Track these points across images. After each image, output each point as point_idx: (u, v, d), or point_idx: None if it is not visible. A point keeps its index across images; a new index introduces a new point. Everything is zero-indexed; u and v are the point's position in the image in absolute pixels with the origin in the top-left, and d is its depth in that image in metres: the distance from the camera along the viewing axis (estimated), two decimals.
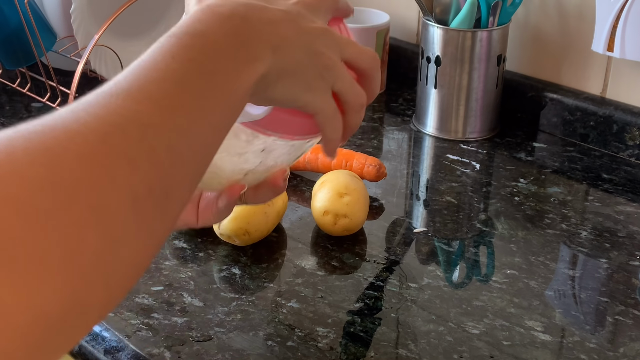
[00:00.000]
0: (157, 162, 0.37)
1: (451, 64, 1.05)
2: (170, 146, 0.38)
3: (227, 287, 0.78)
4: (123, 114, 0.36)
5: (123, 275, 0.35)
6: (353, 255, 0.83)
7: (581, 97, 1.06)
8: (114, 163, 0.34)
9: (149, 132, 0.37)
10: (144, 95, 0.38)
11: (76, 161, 0.33)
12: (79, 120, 0.35)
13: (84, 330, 0.34)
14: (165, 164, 0.37)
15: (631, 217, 0.90)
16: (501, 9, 1.02)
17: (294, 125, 0.52)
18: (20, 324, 0.30)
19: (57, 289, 0.31)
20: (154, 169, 0.36)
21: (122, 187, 0.34)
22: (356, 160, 0.94)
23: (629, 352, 0.70)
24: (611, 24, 0.99)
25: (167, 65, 0.39)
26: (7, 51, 1.12)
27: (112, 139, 0.35)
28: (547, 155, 1.04)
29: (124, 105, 0.36)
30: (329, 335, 0.72)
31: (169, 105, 0.38)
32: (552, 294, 0.77)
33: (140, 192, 0.35)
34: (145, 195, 0.36)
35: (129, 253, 0.35)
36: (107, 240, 0.33)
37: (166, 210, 0.38)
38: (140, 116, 0.37)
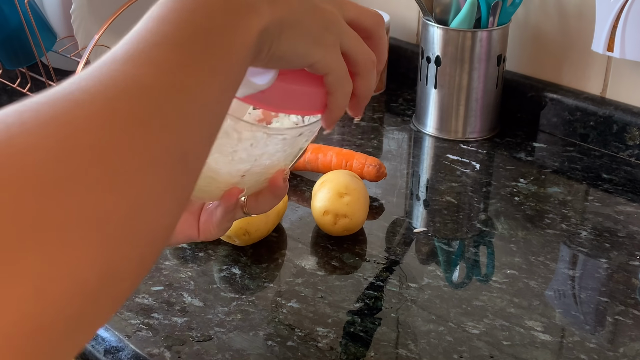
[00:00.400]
0: (167, 122, 0.36)
1: (451, 64, 1.05)
2: (178, 106, 0.37)
3: (227, 287, 0.78)
4: (125, 79, 0.36)
5: (152, 238, 0.35)
6: (353, 255, 0.83)
7: (581, 97, 1.07)
8: (125, 126, 0.34)
9: (154, 94, 0.36)
10: (143, 59, 0.37)
11: (86, 127, 0.32)
12: (83, 88, 0.34)
13: (119, 301, 0.34)
14: (177, 124, 0.37)
15: (631, 217, 0.90)
16: (501, 9, 1.02)
17: (299, 97, 0.50)
18: (58, 294, 0.29)
19: (90, 255, 0.30)
20: (166, 130, 0.36)
21: (137, 149, 0.34)
22: (356, 160, 0.94)
23: (629, 352, 0.70)
24: (611, 24, 0.99)
25: (161, 30, 0.39)
26: (7, 51, 1.12)
27: (118, 103, 0.34)
28: (547, 155, 1.04)
29: (125, 70, 0.36)
30: (329, 335, 0.72)
31: (169, 67, 0.38)
32: (552, 294, 0.77)
33: (156, 153, 0.35)
34: (163, 155, 0.35)
35: (154, 215, 0.35)
36: (131, 204, 0.33)
37: (186, 170, 0.37)
38: (142, 79, 0.36)
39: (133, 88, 0.36)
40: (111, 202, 0.32)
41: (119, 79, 0.36)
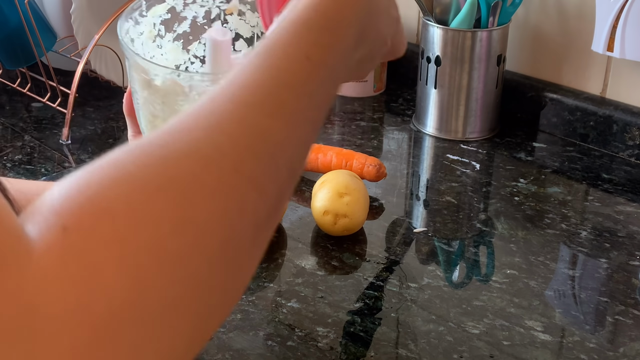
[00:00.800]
0: (279, 181, 0.35)
1: (451, 64, 1.05)
2: (291, 161, 0.36)
3: None
4: (255, 132, 0.34)
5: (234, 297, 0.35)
6: (353, 255, 0.83)
7: (581, 97, 1.07)
8: (245, 194, 0.33)
9: (278, 152, 0.35)
10: (276, 106, 0.36)
11: (210, 196, 0.31)
12: (214, 142, 0.32)
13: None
14: (285, 180, 0.36)
15: (631, 217, 0.90)
16: (501, 9, 1.02)
17: None
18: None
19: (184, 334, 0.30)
20: (277, 190, 0.35)
21: (249, 218, 0.33)
22: (356, 160, 0.94)
23: (629, 352, 0.70)
24: (611, 24, 0.99)
25: (301, 67, 0.38)
26: (7, 51, 1.12)
27: (245, 166, 0.33)
28: (547, 155, 1.04)
29: (256, 121, 0.34)
30: (329, 335, 0.72)
31: (297, 120, 0.37)
32: (552, 294, 0.77)
33: (262, 218, 0.34)
34: (266, 220, 0.34)
35: (244, 277, 0.34)
36: (232, 273, 0.32)
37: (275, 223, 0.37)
38: (271, 134, 0.35)
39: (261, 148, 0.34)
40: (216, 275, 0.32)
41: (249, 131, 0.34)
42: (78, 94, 1.07)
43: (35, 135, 1.07)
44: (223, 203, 0.31)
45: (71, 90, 1.06)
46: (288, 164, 0.36)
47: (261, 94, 0.35)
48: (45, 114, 1.14)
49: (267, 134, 0.34)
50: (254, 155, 0.33)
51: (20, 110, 1.16)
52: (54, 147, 1.04)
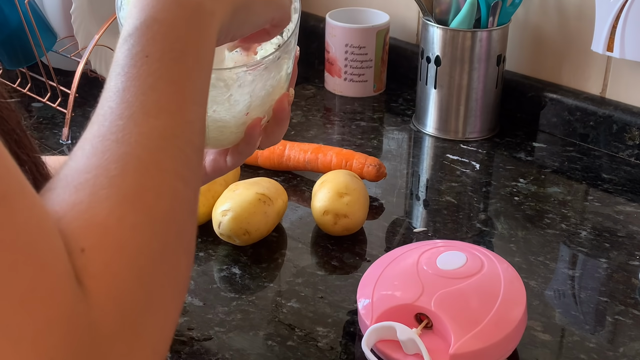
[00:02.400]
0: (191, 164, 0.42)
1: (451, 64, 1.05)
2: (192, 142, 0.42)
3: (227, 287, 0.78)
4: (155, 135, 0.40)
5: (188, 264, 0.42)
6: (353, 255, 0.83)
7: (581, 97, 1.07)
8: (175, 186, 0.40)
9: (179, 142, 0.41)
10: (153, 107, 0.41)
11: (157, 197, 0.38)
12: (134, 154, 0.39)
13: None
14: (194, 160, 0.42)
15: (631, 217, 0.90)
16: (501, 9, 1.02)
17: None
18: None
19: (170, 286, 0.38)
20: (192, 172, 0.42)
21: (184, 203, 0.40)
22: (356, 160, 0.94)
23: (628, 352, 0.70)
24: (611, 24, 0.99)
25: (149, 67, 0.42)
26: (8, 51, 1.12)
27: (166, 165, 0.40)
28: (547, 155, 1.04)
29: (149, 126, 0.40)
30: (329, 335, 0.72)
31: (178, 107, 0.42)
32: (552, 294, 0.77)
33: (191, 199, 0.42)
34: (194, 198, 0.43)
35: (190, 249, 0.41)
36: (185, 245, 0.40)
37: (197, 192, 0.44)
38: (166, 131, 0.41)
39: (166, 143, 0.40)
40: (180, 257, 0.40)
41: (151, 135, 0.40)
42: (78, 94, 1.07)
43: (35, 135, 1.07)
44: (168, 200, 0.39)
45: (71, 90, 1.06)
46: (191, 146, 0.42)
47: (135, 103, 0.41)
48: (45, 114, 1.14)
49: (164, 133, 0.40)
50: (167, 153, 0.40)
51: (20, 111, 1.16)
52: (54, 147, 1.04)
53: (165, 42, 0.43)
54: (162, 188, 0.39)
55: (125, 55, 0.43)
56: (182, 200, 0.40)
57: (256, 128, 0.57)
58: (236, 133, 0.58)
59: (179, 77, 0.43)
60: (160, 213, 0.38)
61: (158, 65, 0.42)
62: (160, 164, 0.39)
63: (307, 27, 1.32)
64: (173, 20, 0.44)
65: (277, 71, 0.57)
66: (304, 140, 1.06)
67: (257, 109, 0.57)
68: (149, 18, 0.43)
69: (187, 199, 0.41)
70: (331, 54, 1.20)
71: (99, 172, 0.37)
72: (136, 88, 0.41)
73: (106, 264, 0.34)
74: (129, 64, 0.42)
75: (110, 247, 0.35)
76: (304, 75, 1.28)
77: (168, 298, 0.38)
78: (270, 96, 0.58)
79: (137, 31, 0.43)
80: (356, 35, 1.16)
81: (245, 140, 0.58)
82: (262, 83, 0.56)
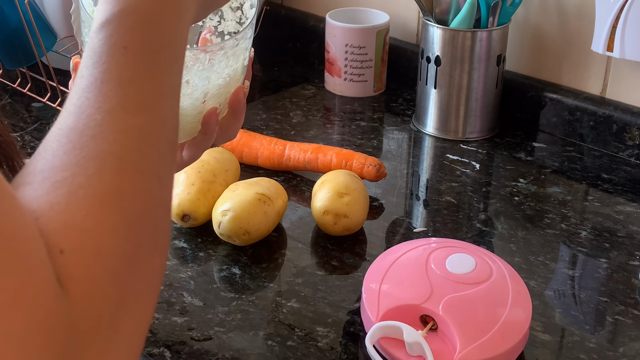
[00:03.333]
0: (165, 162, 0.42)
1: (451, 64, 1.05)
2: (167, 140, 0.42)
3: (227, 287, 0.78)
4: (132, 134, 0.40)
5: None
6: (353, 255, 0.83)
7: (581, 97, 1.07)
8: (151, 186, 0.40)
9: (154, 140, 0.41)
10: (131, 103, 0.41)
11: (133, 197, 0.38)
12: (113, 154, 0.39)
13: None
14: (168, 157, 0.42)
15: (631, 217, 0.90)
16: (501, 9, 1.02)
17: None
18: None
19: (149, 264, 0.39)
20: (166, 169, 0.42)
21: (159, 200, 0.41)
22: (356, 160, 0.94)
23: (628, 352, 0.70)
24: (611, 24, 0.99)
25: (127, 59, 0.42)
26: (8, 51, 1.12)
27: (141, 165, 0.40)
28: (547, 155, 1.04)
29: (126, 123, 0.40)
30: (329, 335, 0.72)
31: (155, 103, 0.42)
32: (552, 294, 0.77)
33: (167, 196, 0.42)
34: (169, 195, 0.43)
35: (166, 238, 0.42)
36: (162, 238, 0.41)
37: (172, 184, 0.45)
38: (143, 129, 0.41)
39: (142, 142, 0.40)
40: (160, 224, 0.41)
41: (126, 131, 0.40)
42: None
43: (36, 135, 1.07)
44: (144, 201, 0.39)
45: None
46: (166, 144, 0.42)
47: (113, 97, 0.40)
48: (46, 113, 1.14)
49: (142, 131, 0.40)
50: (144, 153, 0.40)
51: (20, 111, 1.16)
52: None
53: (144, 33, 0.43)
54: (139, 189, 0.39)
55: (102, 43, 0.42)
56: (158, 201, 0.40)
57: (212, 116, 0.58)
58: (193, 123, 0.59)
59: (156, 71, 0.42)
60: (136, 214, 0.38)
61: (136, 59, 0.42)
62: (137, 163, 0.39)
63: (307, 27, 1.32)
64: (152, 12, 0.44)
65: (235, 60, 0.58)
66: (304, 140, 1.06)
67: (213, 98, 0.58)
68: (128, 7, 0.43)
69: (162, 198, 0.41)
70: (331, 54, 1.20)
71: (77, 170, 0.37)
72: (114, 81, 0.41)
73: (86, 267, 0.35)
74: (106, 53, 0.41)
75: (89, 250, 0.35)
76: (304, 75, 1.28)
77: (142, 297, 0.38)
78: (227, 87, 0.59)
79: (114, 19, 0.43)
80: (356, 35, 1.16)
81: (202, 131, 0.59)
82: (220, 70, 0.57)
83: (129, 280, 0.37)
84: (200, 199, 0.85)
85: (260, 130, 1.08)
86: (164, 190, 0.41)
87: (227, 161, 0.91)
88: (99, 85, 0.40)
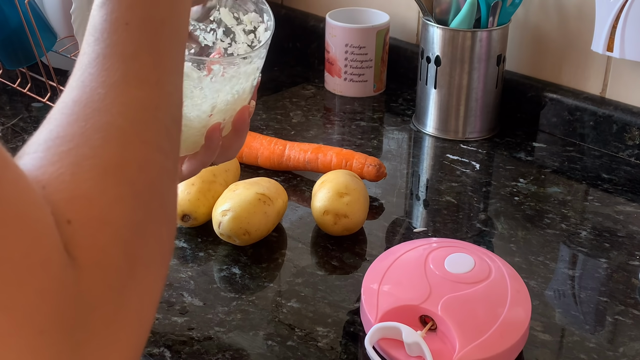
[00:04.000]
0: (170, 134, 0.42)
1: (451, 64, 1.05)
2: (170, 113, 0.43)
3: (227, 287, 0.78)
4: (136, 106, 0.40)
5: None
6: (353, 255, 0.83)
7: (581, 97, 1.07)
8: (154, 157, 0.40)
9: (159, 113, 0.41)
10: (134, 77, 0.41)
11: (139, 169, 0.39)
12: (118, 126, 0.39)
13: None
14: (173, 129, 0.43)
15: (631, 217, 0.90)
16: (501, 9, 1.02)
17: None
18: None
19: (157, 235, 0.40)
20: (170, 141, 0.42)
21: (164, 171, 0.41)
22: (356, 160, 0.94)
23: (628, 351, 0.70)
24: (611, 24, 0.99)
25: (130, 35, 0.42)
26: (8, 51, 1.12)
27: (145, 136, 0.40)
28: (547, 155, 1.04)
29: (131, 96, 0.40)
30: (329, 335, 0.72)
31: (160, 77, 0.42)
32: (552, 294, 0.77)
33: (171, 168, 0.42)
34: (173, 165, 0.43)
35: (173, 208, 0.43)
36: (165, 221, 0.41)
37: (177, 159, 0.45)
38: (147, 101, 0.41)
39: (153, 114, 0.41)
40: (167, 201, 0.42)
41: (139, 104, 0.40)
42: None
43: None
44: (149, 172, 0.39)
45: None
46: (170, 117, 0.42)
47: (116, 72, 0.41)
48: (46, 114, 1.13)
49: (145, 104, 0.40)
50: (148, 125, 0.40)
51: (20, 111, 1.16)
52: None
53: (144, 10, 0.43)
54: (144, 160, 0.39)
55: (103, 20, 0.42)
56: (163, 172, 0.40)
57: (216, 132, 0.58)
58: (196, 136, 0.59)
59: (158, 47, 0.43)
60: (142, 185, 0.38)
61: (138, 34, 0.42)
62: (142, 135, 0.39)
63: (307, 27, 1.32)
64: None
65: (245, 79, 0.59)
66: (304, 140, 1.06)
67: (219, 113, 0.59)
68: None
69: (167, 170, 0.41)
70: (331, 54, 1.20)
71: (81, 141, 0.37)
72: (117, 56, 0.41)
73: (93, 237, 0.35)
74: (108, 29, 0.42)
75: (95, 220, 0.35)
76: (304, 75, 1.28)
77: (151, 268, 0.38)
78: (234, 104, 0.59)
79: None
80: (356, 35, 1.16)
81: (205, 146, 0.59)
82: (230, 85, 0.58)
83: (137, 249, 0.37)
84: (200, 199, 0.85)
85: (260, 130, 1.08)
86: (169, 162, 0.41)
87: (227, 161, 0.91)
88: (101, 61, 0.41)
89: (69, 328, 0.33)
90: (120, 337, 0.36)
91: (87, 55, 0.41)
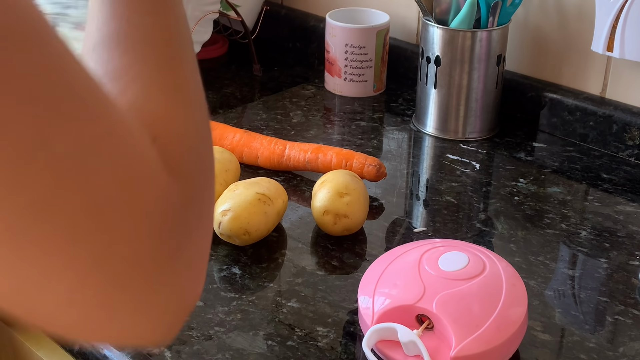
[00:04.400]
0: (194, 53, 0.44)
1: (451, 64, 1.05)
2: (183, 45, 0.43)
3: (227, 286, 0.78)
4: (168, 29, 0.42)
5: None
6: (353, 255, 0.83)
7: (581, 97, 1.07)
8: (196, 76, 0.42)
9: (172, 37, 0.42)
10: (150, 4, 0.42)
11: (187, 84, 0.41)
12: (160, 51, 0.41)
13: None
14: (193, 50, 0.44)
15: (631, 217, 0.90)
16: (501, 9, 1.02)
17: None
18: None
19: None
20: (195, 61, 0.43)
21: (202, 90, 0.43)
22: (356, 160, 0.94)
23: (628, 351, 0.70)
24: (611, 24, 0.99)
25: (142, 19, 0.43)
26: None
27: (185, 56, 0.42)
28: (547, 155, 1.04)
29: (140, 21, 0.41)
30: (329, 335, 0.72)
31: (172, 4, 0.43)
32: (552, 294, 0.77)
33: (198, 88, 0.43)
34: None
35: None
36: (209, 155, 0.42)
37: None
38: (173, 26, 0.42)
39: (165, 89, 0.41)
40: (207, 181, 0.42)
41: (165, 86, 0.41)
42: None
43: None
44: (197, 90, 0.42)
45: None
46: (191, 39, 0.44)
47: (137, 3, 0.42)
48: None
49: (173, 29, 0.42)
50: (184, 49, 0.42)
51: None
52: None
53: None
54: (191, 80, 0.41)
55: None
56: (201, 89, 0.43)
57: None
58: None
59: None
60: (198, 103, 0.41)
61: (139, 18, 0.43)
62: (182, 57, 0.41)
63: (307, 27, 1.32)
64: None
65: None
66: (304, 140, 1.06)
67: None
68: None
69: (202, 93, 0.43)
70: (331, 54, 1.20)
71: (140, 67, 0.39)
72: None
73: (176, 152, 0.37)
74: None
75: (175, 137, 0.38)
76: (304, 75, 1.28)
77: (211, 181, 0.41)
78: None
79: None
80: (356, 35, 1.16)
81: None
82: None
83: (204, 163, 0.40)
84: None
85: (260, 130, 1.08)
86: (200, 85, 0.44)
87: (227, 161, 0.91)
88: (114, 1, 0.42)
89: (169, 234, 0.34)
90: (203, 246, 0.38)
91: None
